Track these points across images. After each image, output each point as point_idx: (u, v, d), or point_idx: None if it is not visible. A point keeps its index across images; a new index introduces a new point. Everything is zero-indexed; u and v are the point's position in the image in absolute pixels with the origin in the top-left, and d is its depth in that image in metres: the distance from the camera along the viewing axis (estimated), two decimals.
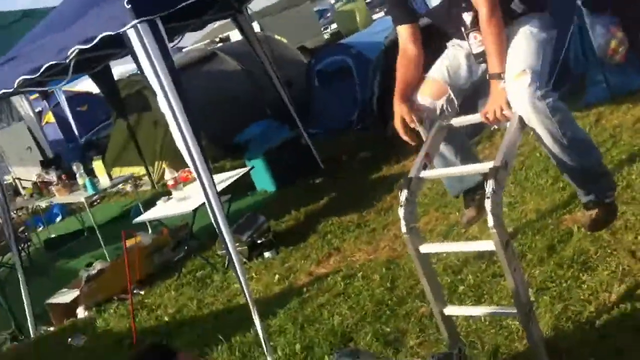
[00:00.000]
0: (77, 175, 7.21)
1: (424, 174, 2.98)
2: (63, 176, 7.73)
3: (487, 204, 2.60)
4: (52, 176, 7.91)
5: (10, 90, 5.20)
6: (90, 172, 7.45)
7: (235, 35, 16.38)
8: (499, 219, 2.62)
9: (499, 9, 2.87)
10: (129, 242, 6.11)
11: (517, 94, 2.82)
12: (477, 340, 3.24)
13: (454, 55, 3.23)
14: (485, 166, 2.80)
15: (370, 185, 6.36)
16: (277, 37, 11.99)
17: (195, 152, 4.01)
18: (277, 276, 4.95)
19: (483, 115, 2.98)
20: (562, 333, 3.12)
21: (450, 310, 2.90)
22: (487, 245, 2.71)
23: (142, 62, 3.89)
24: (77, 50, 4.32)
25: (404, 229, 2.85)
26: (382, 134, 7.62)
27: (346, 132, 8.58)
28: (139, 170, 9.60)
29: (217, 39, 17.35)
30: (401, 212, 2.84)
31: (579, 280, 3.50)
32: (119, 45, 5.91)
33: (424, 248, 2.87)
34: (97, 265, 5.82)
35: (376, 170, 6.70)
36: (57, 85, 10.36)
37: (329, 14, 20.81)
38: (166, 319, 4.86)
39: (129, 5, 3.73)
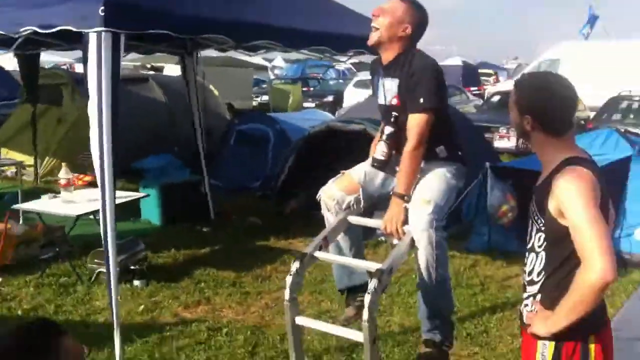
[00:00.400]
0: None
1: (318, 254, 3.23)
2: None
3: (367, 298, 2.86)
4: None
5: None
6: None
7: (169, 69, 16.46)
8: (373, 315, 2.87)
9: (424, 145, 3.29)
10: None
11: (419, 216, 3.21)
12: None
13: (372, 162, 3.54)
14: (373, 266, 3.12)
15: (254, 250, 6.50)
16: (211, 87, 12.25)
17: (107, 162, 4.10)
18: (142, 307, 4.92)
19: (383, 224, 3.31)
20: None
21: None
22: (357, 335, 2.95)
23: (89, 65, 3.99)
24: (30, 31, 4.33)
25: (287, 297, 3.04)
26: (279, 210, 7.88)
27: (245, 195, 8.73)
28: (26, 159, 9.27)
29: (149, 66, 17.35)
30: (289, 280, 3.05)
31: None
32: (68, 39, 5.91)
33: (300, 320, 3.07)
34: None
35: (264, 239, 6.85)
36: None
37: (264, 85, 21.43)
38: (19, 312, 4.66)
39: (103, 13, 3.86)
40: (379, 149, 3.42)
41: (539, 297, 2.38)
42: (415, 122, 3.26)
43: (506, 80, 26.23)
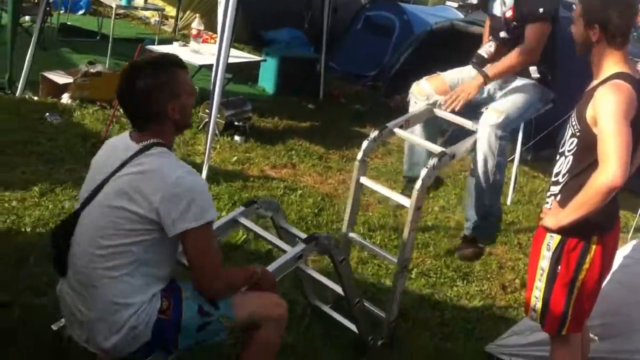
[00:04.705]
0: None
1: (397, 130, 3.56)
2: None
3: (423, 172, 3.18)
4: None
5: None
6: None
7: None
8: (424, 187, 3.21)
9: (537, 52, 3.48)
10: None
11: (486, 122, 3.47)
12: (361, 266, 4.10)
13: (469, 74, 3.76)
14: (437, 148, 3.45)
15: (349, 133, 6.96)
16: None
17: (229, 20, 4.64)
18: (235, 158, 5.59)
19: (453, 91, 3.57)
20: (417, 304, 3.86)
21: (354, 235, 3.53)
22: (404, 200, 3.33)
23: None
24: None
25: (359, 157, 3.42)
26: (384, 101, 8.23)
27: (357, 82, 9.10)
28: (169, 10, 10.02)
29: None
30: (365, 143, 3.41)
31: (454, 283, 4.24)
32: None
33: (363, 180, 3.47)
34: (99, 67, 6.32)
35: (361, 125, 7.29)
36: None
37: None
38: None
39: None
40: (485, 47, 3.62)
41: (559, 197, 2.66)
42: (535, 30, 3.45)
43: None
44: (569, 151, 2.64)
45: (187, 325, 2.27)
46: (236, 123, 6.17)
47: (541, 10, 3.41)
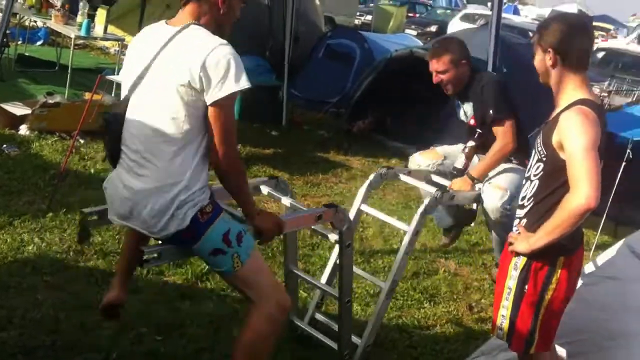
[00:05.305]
0: (79, 13, 7.50)
1: (402, 175, 3.90)
2: (66, 5, 7.98)
3: (426, 200, 3.45)
4: (57, 1, 8.13)
5: None
6: (89, 17, 7.78)
7: None
8: (425, 215, 3.45)
9: (512, 148, 3.79)
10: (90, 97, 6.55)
11: (494, 201, 3.74)
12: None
13: (459, 151, 4.08)
14: (434, 189, 3.65)
15: (313, 159, 6.99)
16: None
17: None
18: None
19: (451, 183, 3.91)
20: (384, 327, 3.81)
21: None
22: (403, 225, 3.55)
23: None
24: None
25: (364, 187, 3.70)
26: (346, 127, 8.30)
27: (321, 108, 9.16)
28: (129, 39, 9.96)
29: None
30: (372, 176, 3.72)
31: (422, 305, 4.23)
32: None
33: (364, 207, 3.68)
34: (57, 97, 6.24)
35: (325, 151, 7.32)
36: None
37: (372, 4, 21.08)
38: (92, 170, 5.39)
39: None
40: (459, 159, 3.99)
41: (524, 221, 2.69)
42: (500, 128, 3.80)
43: (625, 38, 24.92)
44: (534, 175, 2.67)
45: (208, 240, 2.39)
46: None
47: (491, 112, 3.76)
